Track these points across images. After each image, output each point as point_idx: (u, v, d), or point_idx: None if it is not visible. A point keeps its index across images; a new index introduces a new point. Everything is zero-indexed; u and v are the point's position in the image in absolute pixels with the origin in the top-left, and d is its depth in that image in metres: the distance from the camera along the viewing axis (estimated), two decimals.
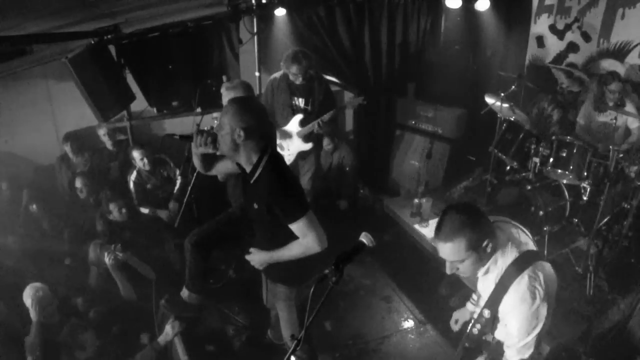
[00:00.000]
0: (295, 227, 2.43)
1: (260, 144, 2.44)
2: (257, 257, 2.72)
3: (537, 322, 2.03)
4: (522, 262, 2.06)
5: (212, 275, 3.67)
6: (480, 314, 2.22)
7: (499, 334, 2.26)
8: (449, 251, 2.01)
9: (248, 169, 2.48)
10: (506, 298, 2.08)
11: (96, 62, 4.08)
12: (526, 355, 2.11)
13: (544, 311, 2.03)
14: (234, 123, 2.34)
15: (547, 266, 2.11)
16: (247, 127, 2.34)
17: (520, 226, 2.23)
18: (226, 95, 3.31)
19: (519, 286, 2.03)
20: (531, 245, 2.16)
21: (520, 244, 2.12)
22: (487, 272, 2.12)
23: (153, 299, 3.52)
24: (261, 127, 2.44)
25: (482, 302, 2.25)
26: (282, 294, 2.84)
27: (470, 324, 2.31)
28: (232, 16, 4.85)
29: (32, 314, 3.14)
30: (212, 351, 3.57)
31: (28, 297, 3.20)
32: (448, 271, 2.10)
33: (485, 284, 2.22)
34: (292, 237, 2.49)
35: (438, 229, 2.02)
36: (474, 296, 2.57)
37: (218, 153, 2.55)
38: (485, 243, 2.00)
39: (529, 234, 2.21)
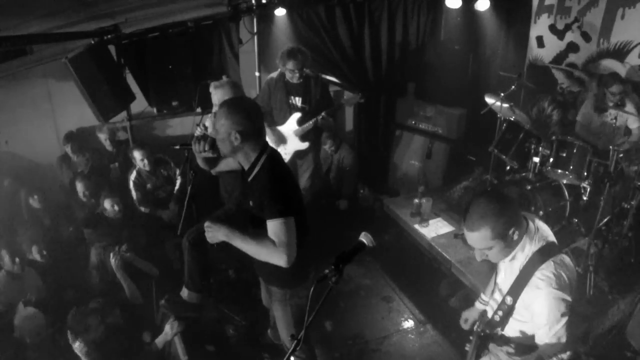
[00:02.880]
0: (271, 225, 2.33)
1: (258, 142, 2.45)
2: (215, 230, 2.48)
3: (564, 307, 2.03)
4: (548, 251, 2.11)
5: (211, 274, 3.66)
6: (503, 302, 2.24)
7: (509, 329, 2.28)
8: (476, 239, 2.05)
9: (246, 167, 2.50)
10: (531, 283, 2.09)
11: (96, 62, 4.09)
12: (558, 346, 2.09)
13: (568, 298, 2.04)
14: (228, 127, 2.34)
15: (569, 260, 2.17)
16: (242, 129, 2.34)
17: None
18: (215, 94, 3.30)
19: (545, 270, 2.06)
20: (555, 241, 2.21)
21: (548, 235, 2.18)
22: (513, 258, 2.16)
23: (154, 298, 3.52)
24: (256, 125, 2.43)
25: (502, 293, 2.27)
26: (277, 295, 2.83)
27: (492, 312, 2.32)
28: (232, 16, 4.86)
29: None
30: (212, 351, 3.57)
31: None
32: (478, 258, 2.15)
33: (508, 273, 2.25)
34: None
35: (465, 218, 2.06)
36: (483, 296, 2.59)
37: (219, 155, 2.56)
38: (511, 231, 2.04)
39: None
